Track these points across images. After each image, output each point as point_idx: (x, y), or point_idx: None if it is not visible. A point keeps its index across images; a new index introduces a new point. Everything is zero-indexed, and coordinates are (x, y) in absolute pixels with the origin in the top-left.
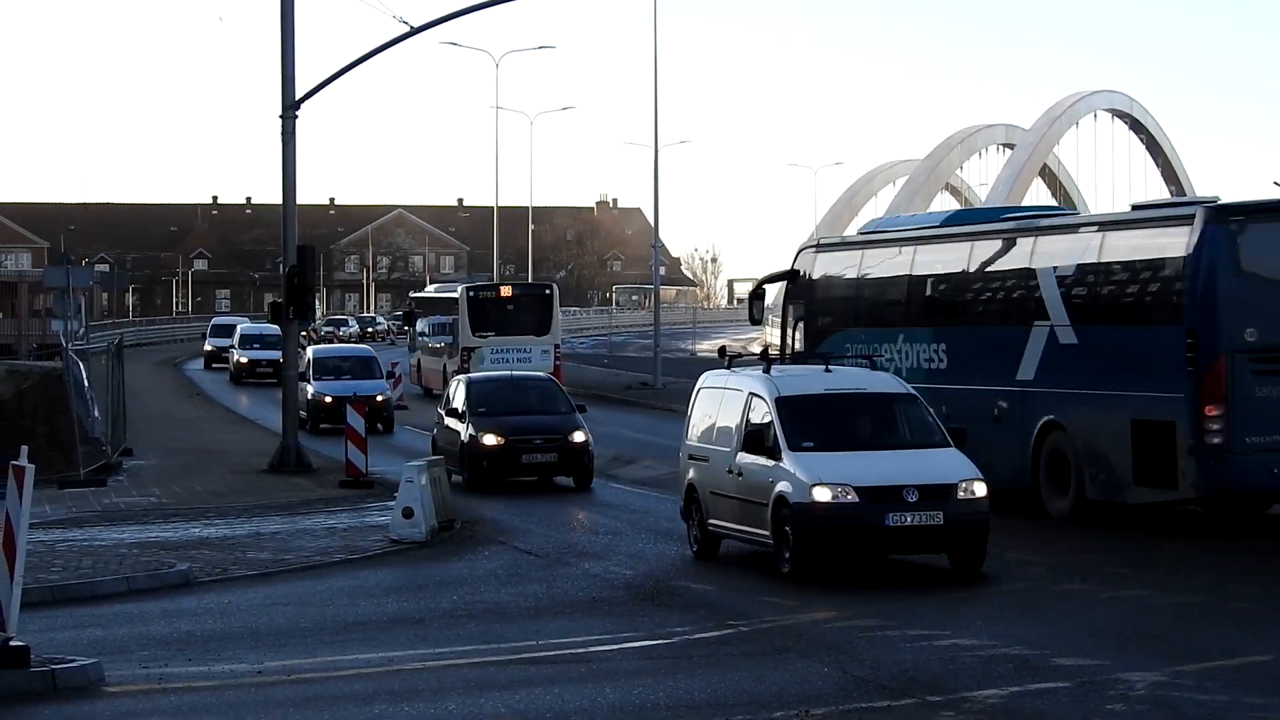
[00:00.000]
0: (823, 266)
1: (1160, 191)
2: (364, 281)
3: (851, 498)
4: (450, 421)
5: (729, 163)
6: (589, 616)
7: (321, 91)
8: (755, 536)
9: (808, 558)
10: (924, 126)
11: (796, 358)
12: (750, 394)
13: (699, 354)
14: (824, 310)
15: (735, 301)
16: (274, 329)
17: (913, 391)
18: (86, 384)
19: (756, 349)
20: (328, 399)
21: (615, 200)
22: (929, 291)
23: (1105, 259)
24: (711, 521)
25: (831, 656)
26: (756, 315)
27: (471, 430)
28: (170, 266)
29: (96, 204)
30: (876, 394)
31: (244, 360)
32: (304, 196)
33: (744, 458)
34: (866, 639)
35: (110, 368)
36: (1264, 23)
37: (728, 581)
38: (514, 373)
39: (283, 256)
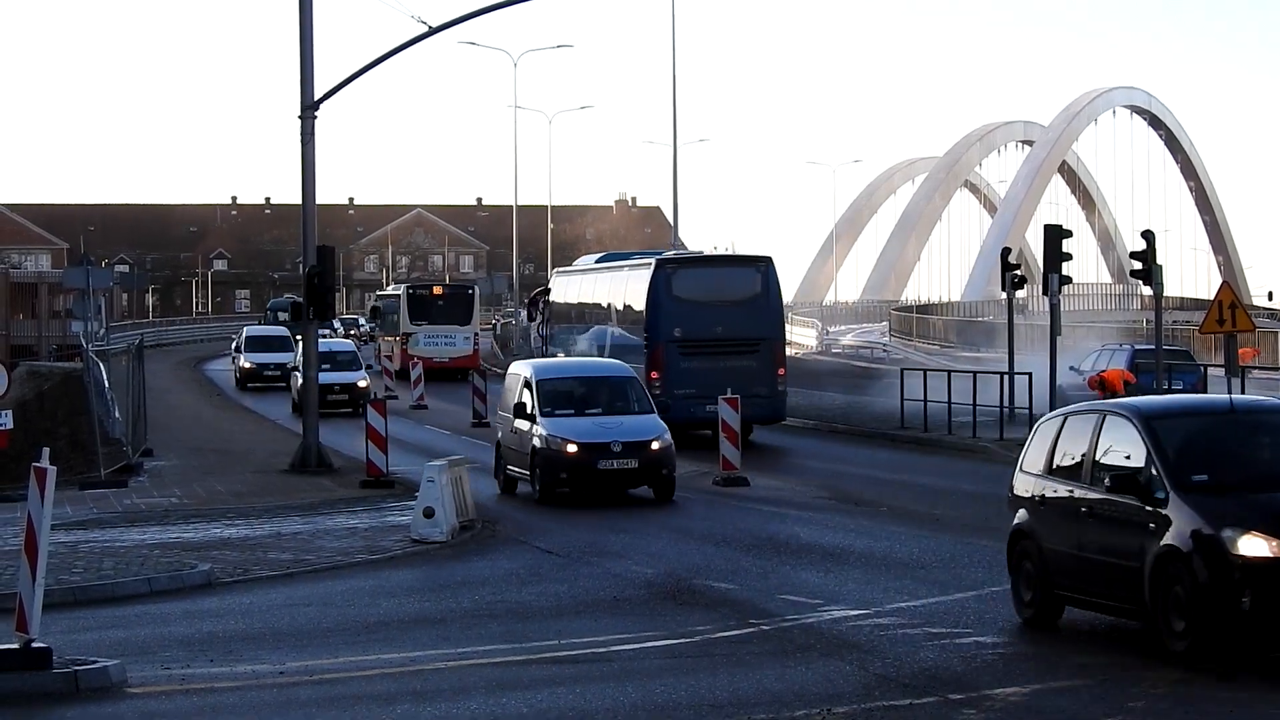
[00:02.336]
0: (558, 285)
1: (1180, 187)
2: (383, 281)
3: None
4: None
5: (748, 161)
6: (611, 615)
7: (340, 91)
8: None
9: None
10: (943, 124)
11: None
12: None
13: None
14: (556, 313)
15: None
16: (346, 345)
17: None
18: (107, 385)
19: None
20: (572, 448)
21: (634, 199)
22: (581, 303)
23: (628, 287)
24: None
25: (853, 655)
26: (531, 316)
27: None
28: (190, 267)
29: (116, 205)
30: None
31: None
32: (323, 196)
33: None
34: (888, 637)
35: (130, 368)
36: None
37: (749, 580)
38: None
39: (302, 256)
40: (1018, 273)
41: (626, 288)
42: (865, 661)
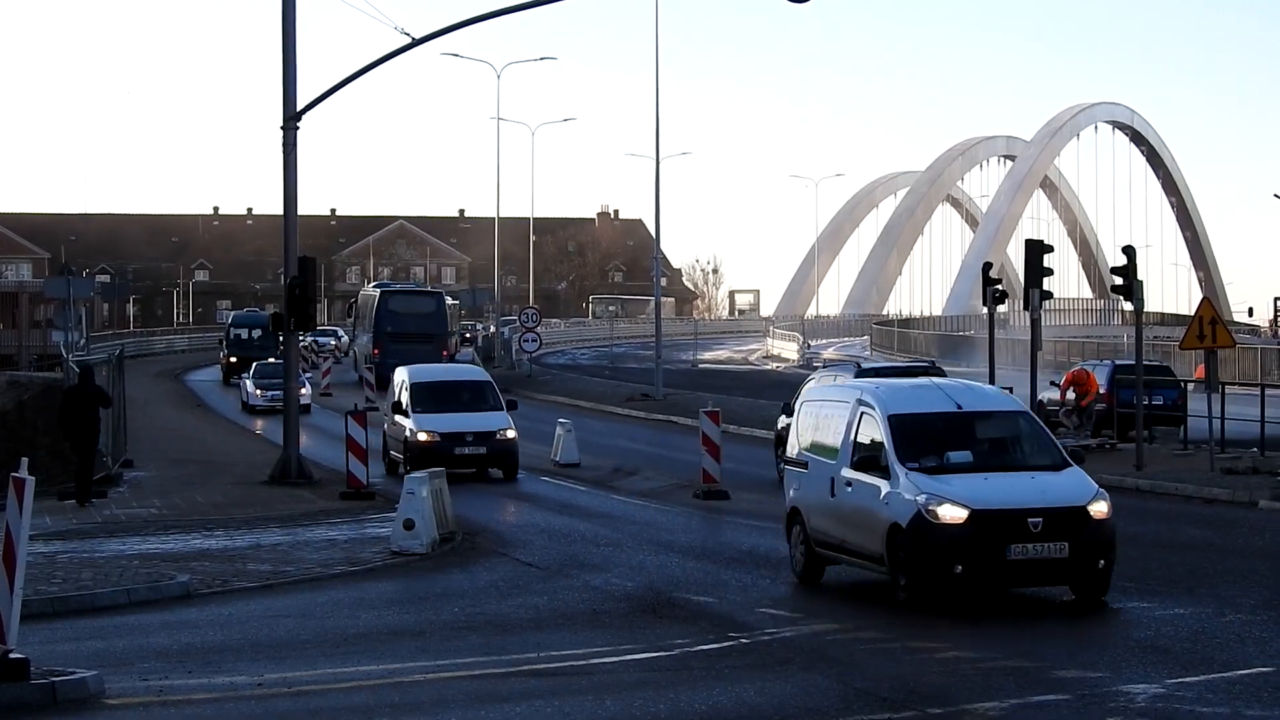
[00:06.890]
0: (359, 298)
1: (1161, 202)
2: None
3: None
4: None
5: (730, 174)
6: (590, 628)
7: (323, 103)
8: None
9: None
10: (925, 138)
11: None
12: None
13: (700, 365)
14: (357, 317)
15: (737, 313)
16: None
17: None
18: None
19: (755, 360)
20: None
21: (616, 211)
22: (362, 308)
23: (371, 302)
24: None
25: (832, 669)
26: (347, 314)
27: None
28: (171, 277)
29: (98, 215)
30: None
31: None
32: (305, 207)
33: None
34: (867, 651)
35: (111, 379)
36: (1263, 34)
37: (729, 594)
38: None
39: (284, 267)
40: (999, 287)
41: (371, 302)
42: (844, 675)
